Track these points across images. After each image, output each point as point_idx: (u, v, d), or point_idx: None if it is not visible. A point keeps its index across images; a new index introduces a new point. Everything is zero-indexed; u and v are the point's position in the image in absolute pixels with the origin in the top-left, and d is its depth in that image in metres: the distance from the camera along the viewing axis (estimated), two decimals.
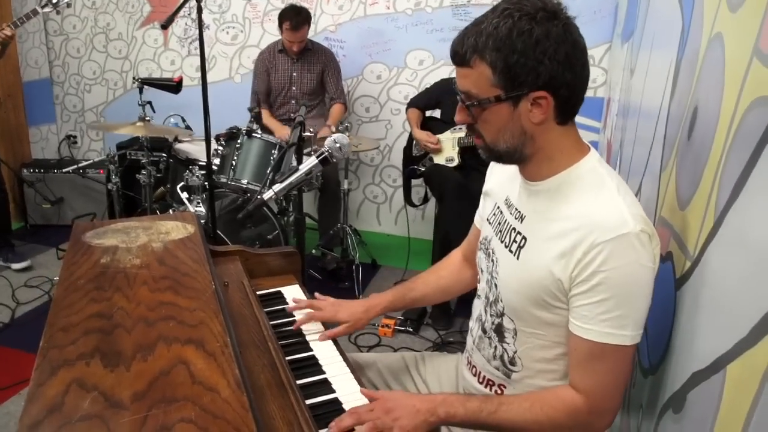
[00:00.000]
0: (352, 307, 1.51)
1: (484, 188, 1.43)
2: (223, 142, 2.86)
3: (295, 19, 3.42)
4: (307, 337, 1.45)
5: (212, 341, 1.05)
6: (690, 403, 0.97)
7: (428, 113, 3.51)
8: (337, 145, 1.43)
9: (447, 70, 3.91)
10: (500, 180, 1.36)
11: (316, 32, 3.93)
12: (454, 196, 3.06)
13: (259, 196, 1.43)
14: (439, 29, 3.85)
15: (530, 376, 1.24)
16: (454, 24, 3.81)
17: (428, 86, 3.58)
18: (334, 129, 3.58)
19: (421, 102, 3.47)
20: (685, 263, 1.12)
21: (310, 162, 1.42)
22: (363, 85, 4.05)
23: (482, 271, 1.34)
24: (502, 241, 1.26)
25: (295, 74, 3.67)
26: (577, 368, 1.13)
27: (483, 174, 3.48)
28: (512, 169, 1.28)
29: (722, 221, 0.93)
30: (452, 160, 3.32)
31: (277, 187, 1.41)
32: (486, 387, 1.33)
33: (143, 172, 3.13)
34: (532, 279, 1.15)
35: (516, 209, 1.25)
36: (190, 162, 3.07)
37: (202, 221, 2.62)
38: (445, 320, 3.17)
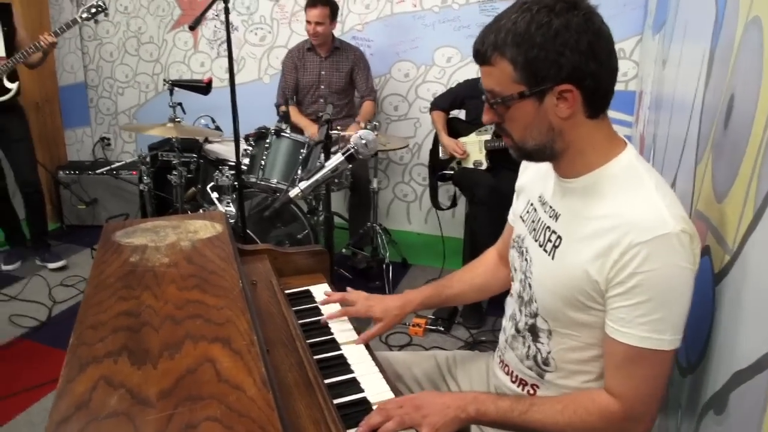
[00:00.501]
0: (385, 302, 1.50)
1: (517, 184, 1.40)
2: (252, 142, 2.87)
3: None
4: (336, 336, 1.44)
5: (239, 339, 1.05)
6: (733, 404, 0.94)
7: (453, 113, 3.48)
8: (363, 141, 1.42)
9: (474, 68, 3.86)
10: (533, 177, 1.32)
11: (343, 32, 3.94)
12: (486, 199, 3.04)
13: (286, 194, 1.42)
14: (466, 26, 3.82)
15: (564, 377, 1.21)
16: (482, 20, 3.76)
17: (452, 87, 3.55)
18: (363, 126, 3.57)
19: (445, 103, 3.44)
20: (724, 257, 1.08)
21: (335, 159, 1.41)
22: (391, 84, 4.04)
23: (515, 270, 1.32)
24: (536, 240, 1.23)
25: (323, 72, 3.68)
26: (613, 372, 1.10)
27: (514, 173, 3.44)
28: (546, 166, 1.24)
29: (763, 213, 0.89)
30: (481, 163, 3.29)
31: (303, 184, 1.40)
32: (519, 386, 1.30)
33: (174, 172, 3.17)
34: (567, 280, 1.12)
35: (551, 207, 1.21)
36: (220, 162, 3.09)
37: (232, 221, 2.64)
38: (476, 319, 3.14)
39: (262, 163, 2.84)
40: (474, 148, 3.31)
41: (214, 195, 2.78)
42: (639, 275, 1.01)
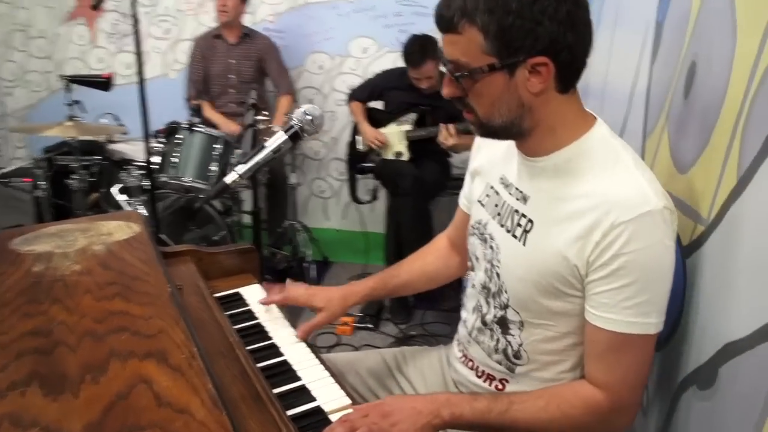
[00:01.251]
0: (328, 292, 1.37)
1: (472, 167, 1.29)
2: (162, 139, 2.63)
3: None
4: (276, 340, 1.29)
5: (176, 353, 0.89)
6: (724, 378, 0.88)
7: (371, 104, 3.39)
8: (309, 117, 1.27)
9: (392, 58, 3.78)
10: (492, 157, 1.22)
11: (254, 23, 3.72)
12: (410, 190, 2.97)
13: (222, 181, 1.26)
14: (382, 15, 3.72)
15: (537, 369, 1.13)
16: (398, 10, 3.70)
17: (370, 77, 3.46)
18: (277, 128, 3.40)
19: (363, 94, 3.35)
20: (695, 229, 1.04)
21: (277, 138, 1.26)
22: (305, 76, 3.88)
23: (477, 258, 1.21)
24: (502, 225, 1.13)
25: (232, 61, 3.46)
26: (596, 361, 1.02)
27: (436, 162, 3.42)
28: (505, 144, 1.15)
29: (752, 177, 0.84)
30: (402, 154, 3.22)
31: (241, 168, 1.24)
32: (485, 381, 1.21)
33: (74, 176, 2.86)
34: (542, 266, 1.03)
35: (517, 189, 1.11)
36: (126, 163, 2.84)
37: None
38: (404, 314, 3.07)
39: (174, 160, 2.61)
40: (394, 138, 3.23)
41: (122, 197, 2.53)
42: (623, 256, 0.94)
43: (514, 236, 1.09)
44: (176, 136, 2.65)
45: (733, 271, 0.88)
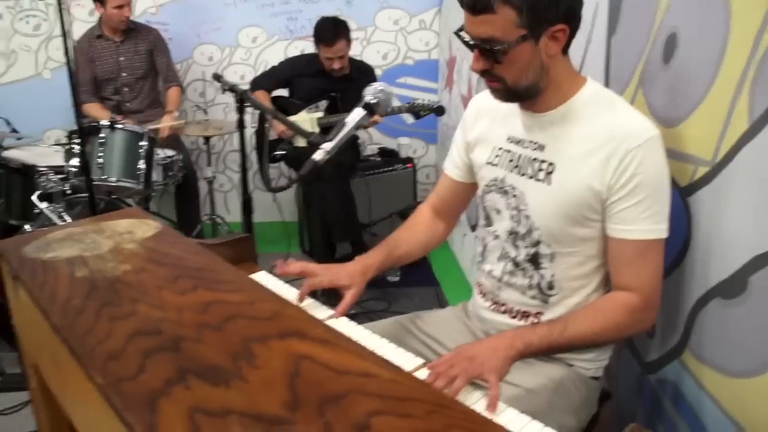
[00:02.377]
0: (347, 269, 1.40)
1: (469, 138, 1.43)
2: (77, 140, 2.42)
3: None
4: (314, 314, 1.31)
5: (310, 328, 0.91)
6: (756, 285, 1.07)
7: (275, 93, 3.37)
8: (380, 88, 1.30)
9: (282, 46, 3.77)
10: (490, 125, 1.38)
11: (135, 16, 3.48)
12: (333, 175, 3.01)
13: (311, 160, 1.25)
14: (270, 4, 3.69)
15: (567, 295, 1.29)
16: None
17: (274, 66, 3.42)
18: (177, 114, 3.26)
19: (268, 83, 3.31)
20: (696, 171, 1.23)
21: (356, 113, 1.28)
22: (194, 69, 3.73)
23: (499, 211, 1.35)
24: (523, 174, 1.28)
25: (122, 59, 3.25)
26: (625, 269, 1.20)
27: (350, 146, 3.50)
28: (500, 112, 1.34)
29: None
30: None
31: (327, 145, 1.25)
32: (521, 320, 1.35)
33: None
34: (570, 198, 1.21)
35: (530, 142, 1.28)
36: (27, 169, 2.57)
37: None
38: (336, 295, 3.11)
39: (99, 161, 2.43)
40: (306, 126, 3.23)
41: (43, 205, 2.30)
42: (638, 176, 1.15)
43: (538, 180, 1.26)
44: (98, 136, 2.45)
45: (753, 194, 1.07)
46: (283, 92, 3.40)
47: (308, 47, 3.74)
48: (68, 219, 2.30)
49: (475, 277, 2.66)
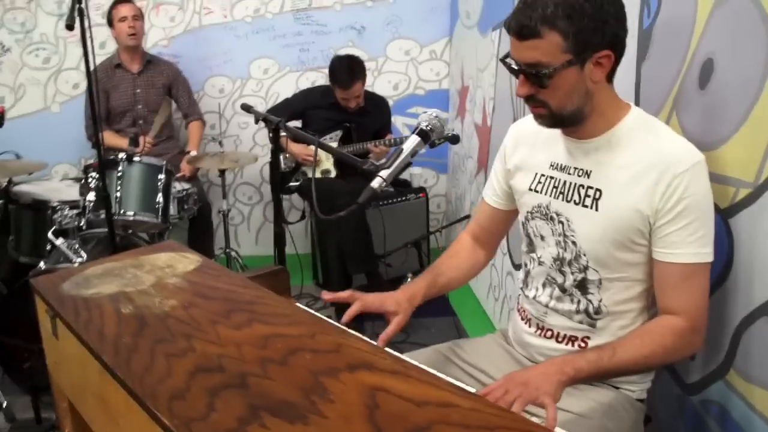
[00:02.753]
0: (395, 296, 1.40)
1: (509, 165, 1.44)
2: (94, 174, 2.41)
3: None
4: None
5: (378, 359, 0.89)
6: None
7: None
8: (434, 115, 1.30)
9: (294, 77, 3.80)
10: (530, 152, 1.39)
11: (147, 47, 3.51)
12: (347, 207, 2.99)
13: (369, 188, 1.25)
14: (281, 35, 3.73)
15: (613, 319, 1.29)
16: (297, 29, 3.73)
17: (288, 98, 3.45)
18: (195, 153, 3.26)
19: (283, 114, 3.29)
20: (738, 193, 1.23)
21: (411, 141, 1.28)
22: (205, 101, 3.75)
23: (543, 237, 1.35)
24: (569, 201, 1.29)
25: (139, 90, 3.26)
26: (671, 292, 1.20)
27: (363, 178, 3.51)
28: (540, 138, 1.36)
29: None
30: (329, 171, 3.25)
31: (384, 173, 1.25)
32: (567, 344, 1.34)
33: None
34: (618, 223, 1.21)
35: (575, 168, 1.29)
36: (39, 205, 2.55)
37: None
38: (356, 328, 3.08)
39: (117, 195, 2.41)
40: (321, 157, 3.25)
41: (59, 241, 2.28)
42: (685, 200, 1.15)
43: (585, 206, 1.26)
44: (116, 169, 2.44)
45: None
46: (296, 123, 3.41)
47: (319, 78, 3.79)
48: (84, 255, 2.27)
49: (504, 303, 2.63)
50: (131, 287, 1.16)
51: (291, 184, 3.30)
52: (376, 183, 1.25)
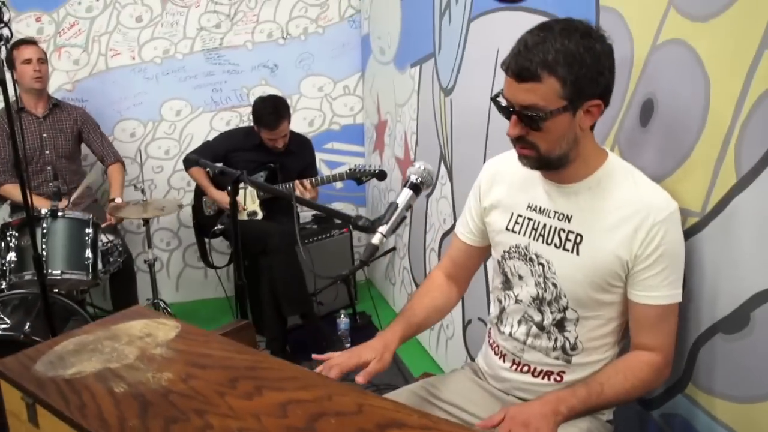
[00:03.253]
0: (370, 346, 1.40)
1: (487, 203, 1.47)
2: (14, 232, 2.23)
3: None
4: None
5: (405, 416, 0.90)
6: (759, 318, 1.18)
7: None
8: (423, 168, 1.31)
9: (207, 118, 3.73)
10: (508, 191, 1.43)
11: (50, 91, 3.32)
12: (282, 246, 2.98)
13: (370, 244, 1.23)
14: (193, 76, 3.66)
15: (588, 354, 1.36)
16: (209, 69, 3.68)
17: (209, 141, 3.38)
18: (120, 200, 3.10)
19: (204, 157, 3.21)
20: (686, 221, 1.35)
21: (404, 194, 1.27)
22: (116, 146, 3.52)
23: (521, 277, 1.40)
24: (549, 244, 1.34)
25: (45, 135, 3.06)
26: (648, 331, 1.29)
27: (288, 216, 3.53)
28: (517, 178, 1.40)
29: (757, 175, 1.16)
30: (256, 213, 3.21)
31: (383, 228, 1.24)
32: (543, 378, 1.40)
33: None
34: (598, 267, 1.27)
35: (554, 212, 1.34)
36: None
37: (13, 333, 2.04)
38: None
39: (42, 253, 2.24)
40: (247, 199, 3.20)
41: None
42: (661, 247, 1.23)
43: (566, 249, 1.32)
44: (40, 225, 2.27)
45: (745, 241, 1.19)
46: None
47: (233, 118, 3.75)
48: (8, 321, 2.10)
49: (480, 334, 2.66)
50: (115, 362, 1.10)
51: (216, 227, 3.21)
52: (376, 239, 1.26)
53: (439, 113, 2.75)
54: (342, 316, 3.23)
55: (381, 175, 3.15)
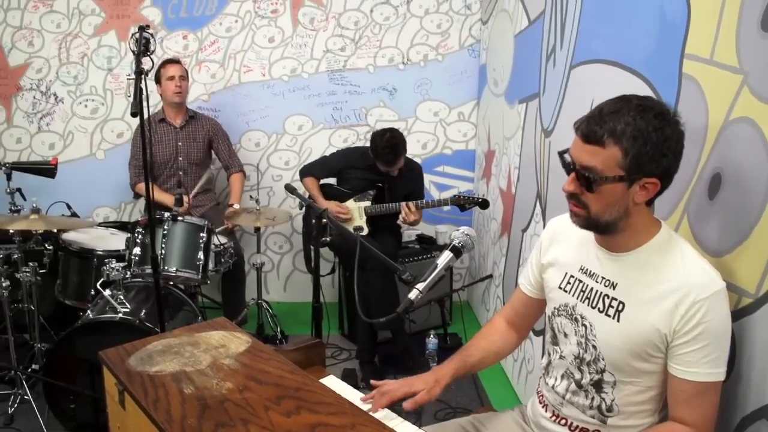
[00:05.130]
0: (422, 379, 1.52)
1: (545, 260, 1.55)
2: (141, 230, 2.60)
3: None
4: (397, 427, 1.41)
5: None
6: None
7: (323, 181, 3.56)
8: (467, 235, 1.44)
9: (327, 134, 4.00)
10: (565, 251, 1.50)
11: (189, 102, 3.74)
12: (379, 265, 3.12)
13: (407, 299, 1.39)
14: (316, 94, 3.94)
15: (624, 418, 1.39)
16: (331, 89, 3.94)
17: (326, 156, 3.62)
18: (237, 206, 3.44)
19: (318, 171, 3.49)
20: (740, 300, 1.34)
21: (445, 257, 1.42)
22: (242, 154, 3.96)
23: (566, 335, 1.46)
24: (593, 307, 1.39)
25: (180, 144, 3.48)
26: (685, 405, 1.30)
27: (393, 235, 3.64)
28: (574, 238, 1.46)
29: None
30: (362, 229, 3.39)
31: (420, 285, 1.40)
32: None
33: (26, 269, 2.68)
34: (636, 336, 1.31)
35: (602, 278, 1.39)
36: (85, 252, 2.75)
37: (130, 318, 2.37)
38: (377, 379, 3.18)
39: (162, 252, 2.60)
40: (354, 214, 3.40)
41: (107, 292, 2.46)
42: (702, 325, 1.24)
43: (608, 315, 1.36)
44: (162, 227, 2.63)
45: None
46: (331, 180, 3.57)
47: (351, 135, 3.99)
48: (128, 306, 2.43)
49: (529, 378, 2.71)
50: (190, 366, 1.31)
51: (324, 238, 3.44)
52: (413, 294, 1.38)
53: (539, 152, 2.80)
54: (431, 335, 3.31)
55: (484, 204, 3.23)
